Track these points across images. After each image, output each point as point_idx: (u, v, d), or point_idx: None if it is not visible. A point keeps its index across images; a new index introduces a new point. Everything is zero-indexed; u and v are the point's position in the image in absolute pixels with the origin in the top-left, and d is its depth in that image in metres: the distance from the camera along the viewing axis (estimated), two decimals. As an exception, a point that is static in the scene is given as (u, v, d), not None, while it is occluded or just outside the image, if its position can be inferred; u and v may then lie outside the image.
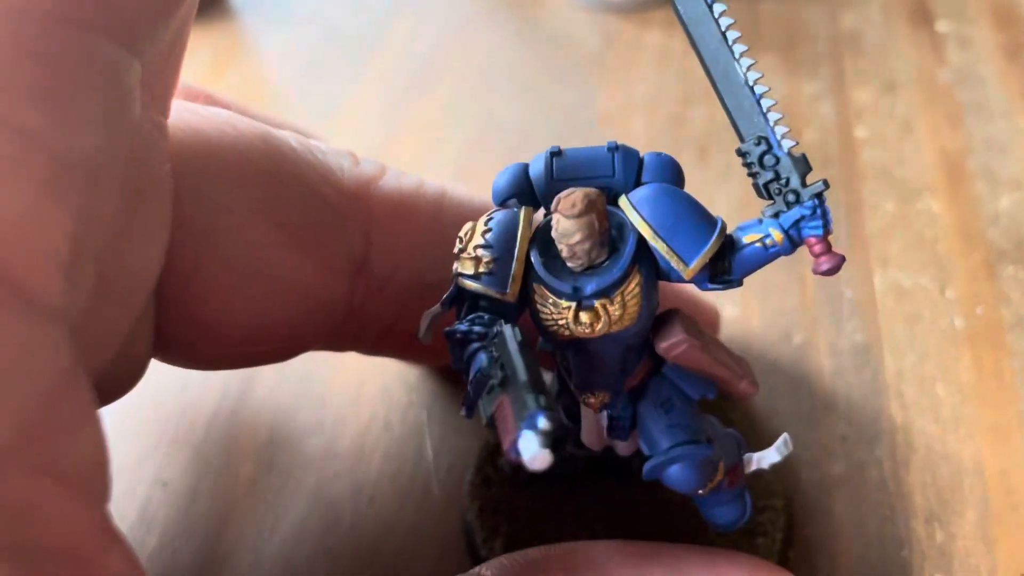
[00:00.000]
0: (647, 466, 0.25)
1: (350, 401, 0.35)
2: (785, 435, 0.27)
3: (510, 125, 0.47)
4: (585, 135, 0.45)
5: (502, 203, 0.25)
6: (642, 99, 0.47)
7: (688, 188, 0.25)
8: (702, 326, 0.26)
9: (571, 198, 0.22)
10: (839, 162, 0.43)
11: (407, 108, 0.48)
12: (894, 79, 0.47)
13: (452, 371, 0.27)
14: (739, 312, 0.37)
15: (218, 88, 0.49)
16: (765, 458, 0.27)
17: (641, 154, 0.25)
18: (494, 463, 0.32)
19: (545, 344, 0.25)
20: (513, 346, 0.22)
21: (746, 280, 0.24)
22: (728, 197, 0.42)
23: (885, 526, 0.31)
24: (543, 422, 0.20)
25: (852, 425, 0.34)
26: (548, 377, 0.28)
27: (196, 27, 0.53)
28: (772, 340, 0.36)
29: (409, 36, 0.52)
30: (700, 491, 0.26)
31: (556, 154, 0.24)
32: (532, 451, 0.20)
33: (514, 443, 0.20)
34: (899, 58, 0.49)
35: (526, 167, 0.25)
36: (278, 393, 0.36)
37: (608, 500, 0.31)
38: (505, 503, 0.31)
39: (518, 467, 0.31)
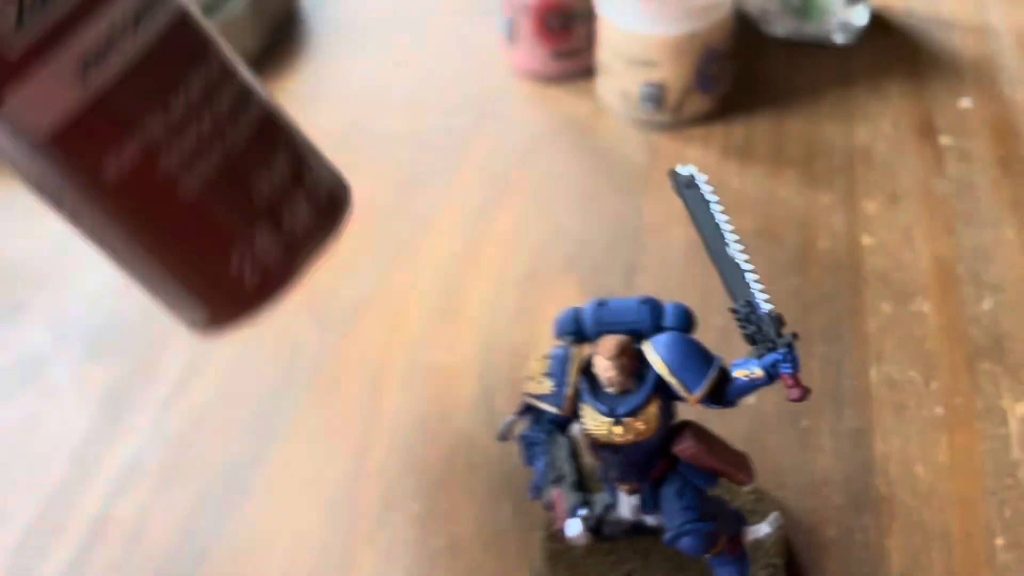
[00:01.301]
0: (665, 537, 0.34)
1: (444, 474, 0.45)
2: (776, 512, 0.36)
3: (571, 233, 0.56)
4: (633, 241, 0.55)
5: (559, 337, 0.34)
6: (681, 210, 0.56)
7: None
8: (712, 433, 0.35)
9: (608, 344, 0.32)
10: (847, 267, 0.52)
11: (486, 219, 0.58)
12: (899, 190, 0.56)
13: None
14: (756, 400, 0.46)
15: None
16: (759, 530, 0.36)
17: (663, 303, 0.34)
18: (556, 525, 0.41)
19: (591, 446, 0.35)
20: (564, 454, 0.32)
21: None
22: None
23: (867, 581, 0.39)
24: (583, 512, 0.30)
25: (845, 496, 0.42)
26: (596, 466, 0.37)
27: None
28: (783, 424, 0.45)
29: (488, 154, 0.62)
30: (706, 555, 0.34)
31: (601, 304, 0.34)
32: (576, 532, 0.29)
33: (563, 526, 0.30)
34: (905, 170, 0.57)
35: (578, 312, 0.34)
36: (389, 462, 0.46)
37: (644, 552, 0.39)
38: (565, 554, 0.40)
39: (575, 529, 0.40)
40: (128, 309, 0.56)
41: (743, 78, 0.64)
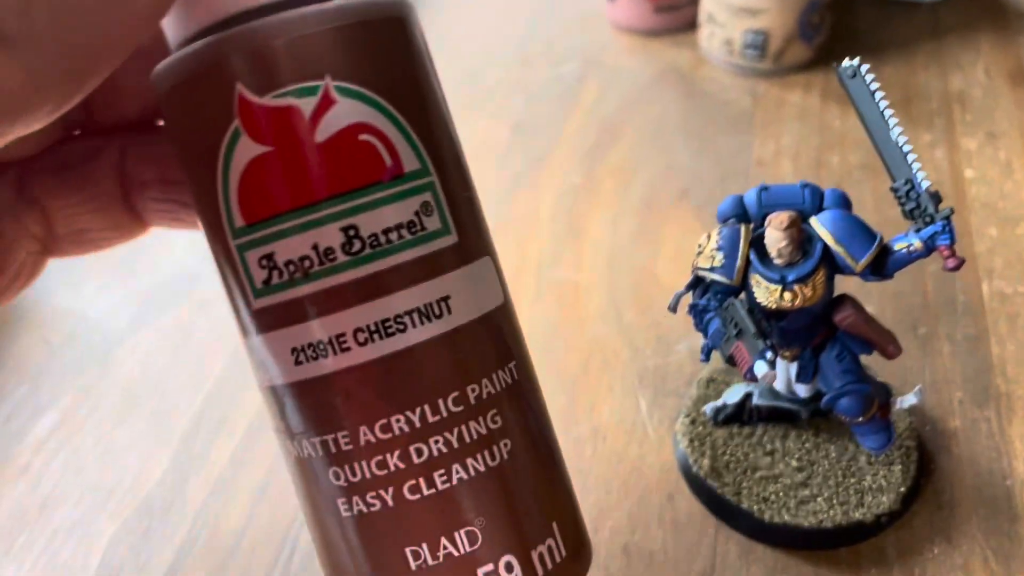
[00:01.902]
0: (825, 399, 0.37)
1: (581, 373, 0.48)
2: (920, 385, 0.39)
3: (682, 168, 0.59)
4: (744, 177, 0.58)
5: (724, 221, 0.38)
6: (788, 147, 0.59)
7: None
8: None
9: (780, 217, 0.35)
10: (952, 197, 0.54)
11: (600, 156, 0.61)
12: (996, 130, 0.58)
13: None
14: (876, 310, 0.49)
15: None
16: (906, 400, 0.39)
17: (821, 188, 0.37)
18: (698, 410, 0.44)
19: (756, 315, 0.38)
20: (741, 312, 0.35)
21: (880, 286, 0.36)
22: (862, 224, 0.53)
23: (993, 463, 0.42)
24: (769, 354, 0.33)
25: (966, 393, 0.45)
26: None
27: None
28: (902, 331, 0.48)
29: (596, 100, 0.66)
30: (860, 418, 0.37)
31: (764, 189, 0.37)
32: (763, 371, 0.32)
33: (750, 369, 0.33)
34: (1000, 112, 0.60)
35: (741, 197, 0.37)
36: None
37: (782, 435, 0.42)
38: (707, 436, 0.43)
39: (717, 411, 0.43)
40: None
41: (838, 32, 0.68)
